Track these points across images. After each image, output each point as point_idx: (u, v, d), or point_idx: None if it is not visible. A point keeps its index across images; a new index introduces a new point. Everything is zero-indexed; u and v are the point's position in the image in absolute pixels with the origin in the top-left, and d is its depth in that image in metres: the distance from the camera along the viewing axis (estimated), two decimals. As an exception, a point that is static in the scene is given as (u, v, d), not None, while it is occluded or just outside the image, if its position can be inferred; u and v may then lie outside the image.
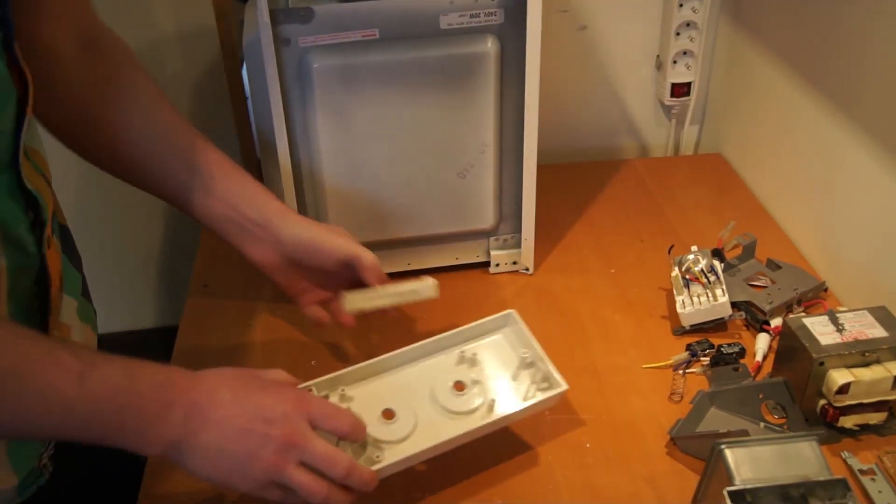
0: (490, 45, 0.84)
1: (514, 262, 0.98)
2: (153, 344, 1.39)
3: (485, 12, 0.83)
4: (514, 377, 0.74)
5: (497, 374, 0.75)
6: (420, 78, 0.85)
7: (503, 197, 0.95)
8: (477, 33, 0.84)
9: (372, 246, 0.95)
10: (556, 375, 0.72)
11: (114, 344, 0.73)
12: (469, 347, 0.77)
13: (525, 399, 0.72)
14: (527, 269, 0.98)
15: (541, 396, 0.71)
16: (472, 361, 0.76)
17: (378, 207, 0.92)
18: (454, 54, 0.84)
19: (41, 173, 0.66)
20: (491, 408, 0.71)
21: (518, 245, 0.97)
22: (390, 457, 0.66)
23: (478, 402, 0.71)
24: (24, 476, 0.64)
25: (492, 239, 0.97)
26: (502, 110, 0.89)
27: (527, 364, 0.74)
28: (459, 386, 0.72)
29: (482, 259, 0.99)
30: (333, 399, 0.71)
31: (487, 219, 0.95)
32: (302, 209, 0.91)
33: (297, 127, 0.87)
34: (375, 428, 0.68)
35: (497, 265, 0.98)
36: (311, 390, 0.70)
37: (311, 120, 0.86)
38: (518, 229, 0.96)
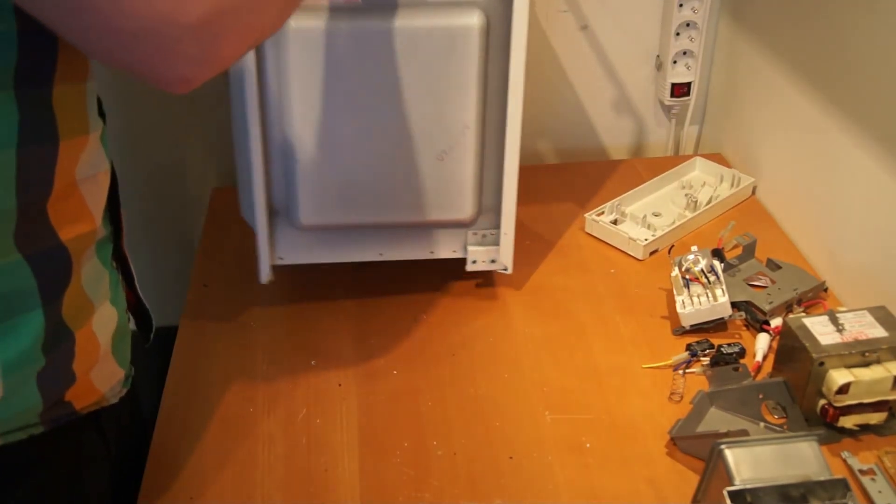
0: (475, 19, 0.80)
1: (493, 261, 0.92)
2: (153, 344, 1.39)
3: None
4: None
5: None
6: (402, 49, 0.81)
7: (484, 186, 0.89)
8: (463, 6, 0.80)
9: (343, 230, 0.91)
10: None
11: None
12: None
13: None
14: (505, 269, 0.92)
15: None
16: None
17: (349, 188, 0.88)
18: (438, 26, 0.80)
19: None
20: None
21: (498, 242, 0.91)
22: None
23: None
24: (126, 369, 0.73)
25: (469, 232, 0.91)
26: (486, 90, 0.84)
27: None
28: None
29: (459, 255, 0.92)
30: None
31: (465, 208, 0.89)
32: (269, 185, 0.88)
33: (271, 96, 0.83)
34: None
35: (474, 262, 0.92)
36: None
37: (284, 88, 0.82)
38: (499, 225, 0.90)
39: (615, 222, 1.05)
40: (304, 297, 0.97)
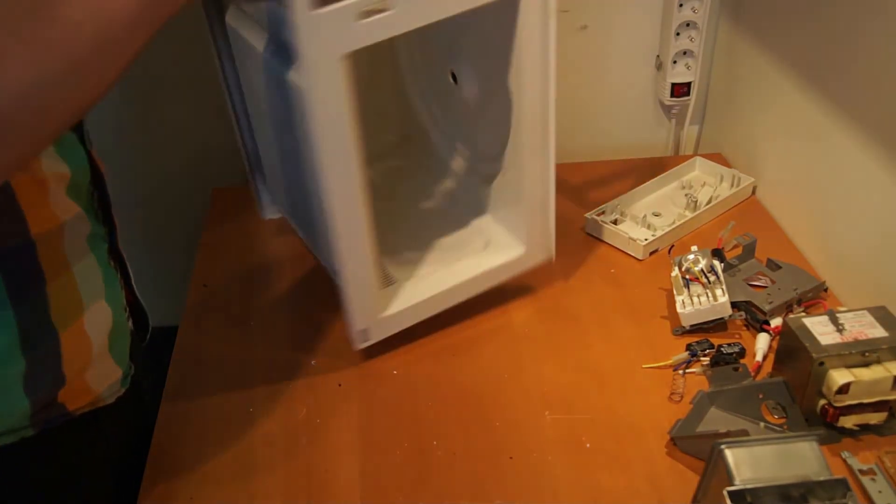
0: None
1: None
2: (153, 344, 1.39)
3: None
4: None
5: None
6: (275, 88, 0.76)
7: None
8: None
9: None
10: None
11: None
12: None
13: None
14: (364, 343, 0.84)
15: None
16: None
17: (296, 207, 0.92)
18: (278, 75, 0.73)
19: None
20: None
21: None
22: None
23: None
24: (124, 368, 0.72)
25: None
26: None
27: None
28: None
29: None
30: None
31: None
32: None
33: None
34: None
35: None
36: None
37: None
38: None
39: (615, 222, 1.05)
40: (304, 298, 0.97)
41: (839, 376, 0.72)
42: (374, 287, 0.81)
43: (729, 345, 0.84)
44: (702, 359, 0.84)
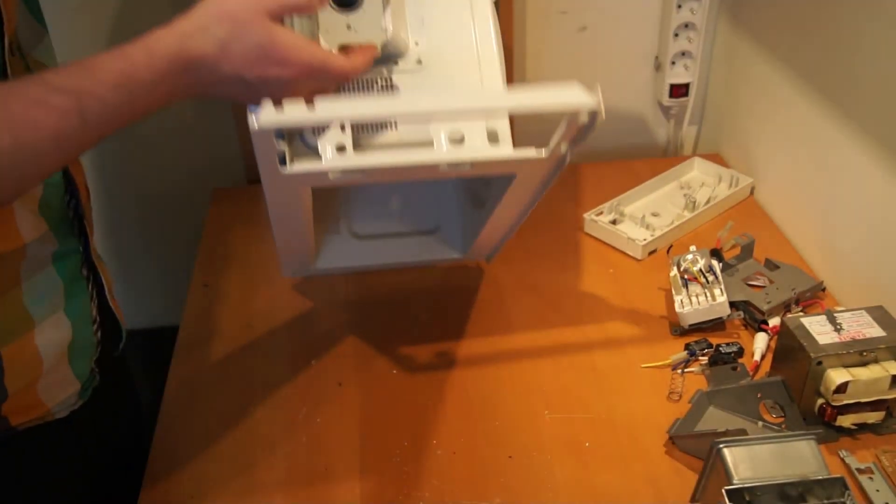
0: None
1: None
2: (153, 344, 1.39)
3: None
4: None
5: None
6: None
7: None
8: None
9: None
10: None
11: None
12: None
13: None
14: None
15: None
16: None
17: None
18: None
19: None
20: None
21: None
22: None
23: None
24: (84, 381, 0.70)
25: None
26: None
27: None
28: None
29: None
30: None
31: None
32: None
33: None
34: None
35: None
36: None
37: None
38: None
39: (614, 222, 1.05)
40: (304, 298, 0.97)
41: (837, 376, 0.72)
42: (306, 253, 0.87)
43: (727, 344, 0.84)
44: (700, 358, 0.84)
